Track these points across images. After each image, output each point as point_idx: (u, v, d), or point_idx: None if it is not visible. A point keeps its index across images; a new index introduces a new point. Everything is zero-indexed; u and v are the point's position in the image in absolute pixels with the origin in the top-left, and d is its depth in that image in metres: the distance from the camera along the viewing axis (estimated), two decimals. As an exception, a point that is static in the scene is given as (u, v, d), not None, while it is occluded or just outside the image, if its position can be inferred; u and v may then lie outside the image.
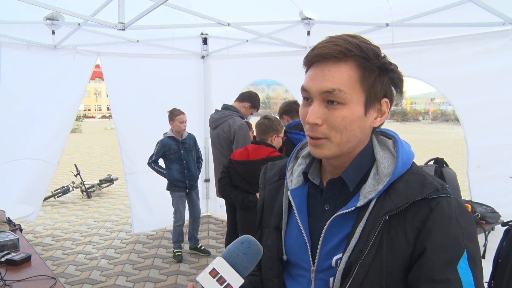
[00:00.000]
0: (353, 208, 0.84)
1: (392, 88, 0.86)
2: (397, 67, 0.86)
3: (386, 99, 0.86)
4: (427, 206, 0.80)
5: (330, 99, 0.81)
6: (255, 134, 3.23)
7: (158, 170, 4.33)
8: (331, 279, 0.85)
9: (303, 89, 0.85)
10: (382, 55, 0.85)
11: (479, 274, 0.78)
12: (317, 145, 0.84)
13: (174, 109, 4.27)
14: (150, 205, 5.26)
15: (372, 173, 0.86)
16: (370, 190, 0.84)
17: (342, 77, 0.80)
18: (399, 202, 0.80)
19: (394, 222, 0.81)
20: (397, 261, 0.80)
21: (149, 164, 4.31)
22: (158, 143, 4.30)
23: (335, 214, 0.86)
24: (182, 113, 4.27)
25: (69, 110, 4.90)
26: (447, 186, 0.84)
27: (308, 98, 0.85)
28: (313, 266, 0.89)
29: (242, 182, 3.08)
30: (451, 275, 0.76)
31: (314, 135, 0.83)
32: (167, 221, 5.41)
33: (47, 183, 5.11)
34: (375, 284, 0.80)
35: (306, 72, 0.87)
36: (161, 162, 4.39)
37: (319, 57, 0.82)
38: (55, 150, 4.95)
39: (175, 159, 4.29)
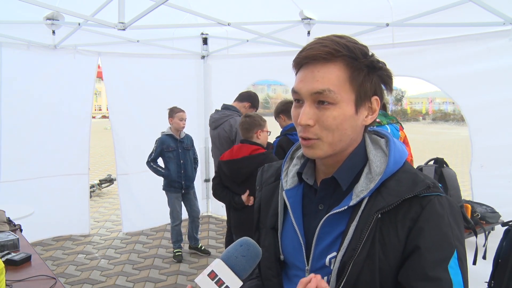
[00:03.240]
0: (345, 207, 0.84)
1: (382, 86, 0.88)
2: (385, 65, 0.87)
3: (376, 97, 0.87)
4: (418, 205, 0.81)
5: (320, 100, 0.82)
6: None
7: (156, 169, 4.29)
8: (325, 278, 0.86)
9: (294, 91, 0.86)
10: (370, 53, 0.86)
11: (466, 275, 0.80)
12: (309, 145, 0.85)
13: (175, 107, 4.27)
14: (140, 205, 5.32)
15: (364, 172, 0.87)
16: (362, 189, 0.84)
17: (331, 77, 0.81)
18: (390, 200, 0.81)
19: (385, 220, 0.81)
20: (389, 259, 0.80)
21: (148, 163, 4.28)
22: (156, 140, 4.30)
23: (328, 214, 0.86)
24: (182, 111, 4.26)
25: (80, 112, 4.88)
26: (440, 185, 0.85)
27: (299, 100, 0.86)
28: (307, 265, 0.90)
29: (229, 182, 3.08)
30: (442, 274, 0.77)
31: (306, 136, 0.84)
32: (158, 221, 5.52)
33: (86, 194, 5.23)
34: (369, 282, 0.80)
35: (296, 74, 0.88)
36: (160, 162, 4.38)
37: (307, 59, 0.83)
38: (80, 158, 5.01)
39: (173, 157, 4.26)
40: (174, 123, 4.25)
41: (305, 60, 0.83)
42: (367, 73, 0.84)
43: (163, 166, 4.35)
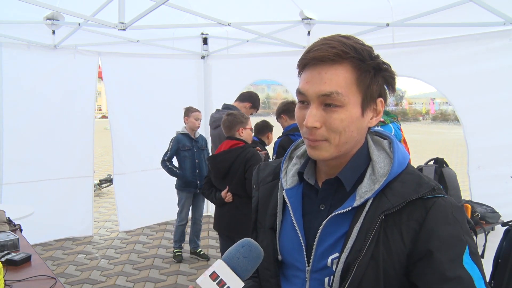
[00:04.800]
0: (349, 208, 0.83)
1: (385, 87, 0.87)
2: (390, 66, 0.86)
3: (381, 99, 0.86)
4: (423, 206, 0.80)
5: (327, 102, 0.81)
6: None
7: (171, 169, 4.24)
8: (326, 279, 0.86)
9: (299, 92, 0.85)
10: (375, 54, 0.85)
11: (481, 267, 0.79)
12: (315, 146, 0.84)
13: (191, 107, 4.30)
14: (136, 204, 5.34)
15: (368, 173, 0.86)
16: (366, 190, 0.84)
17: (339, 79, 0.80)
18: (395, 201, 0.80)
19: (389, 222, 0.81)
20: (393, 261, 0.80)
21: (163, 162, 4.22)
22: (172, 139, 4.28)
23: (332, 214, 0.85)
24: (198, 110, 4.29)
25: (82, 113, 4.84)
26: (441, 186, 0.84)
27: (304, 101, 0.85)
28: (308, 266, 0.89)
29: (214, 178, 3.09)
30: (460, 271, 0.76)
31: (313, 138, 0.83)
32: (154, 220, 5.59)
33: (90, 196, 5.12)
34: (373, 284, 0.80)
35: (299, 74, 0.87)
36: (174, 162, 4.36)
37: (315, 59, 0.81)
38: (85, 160, 4.93)
39: (188, 156, 4.25)
40: (189, 122, 4.25)
41: (312, 61, 0.82)
42: (373, 75, 0.83)
43: (177, 166, 4.32)
